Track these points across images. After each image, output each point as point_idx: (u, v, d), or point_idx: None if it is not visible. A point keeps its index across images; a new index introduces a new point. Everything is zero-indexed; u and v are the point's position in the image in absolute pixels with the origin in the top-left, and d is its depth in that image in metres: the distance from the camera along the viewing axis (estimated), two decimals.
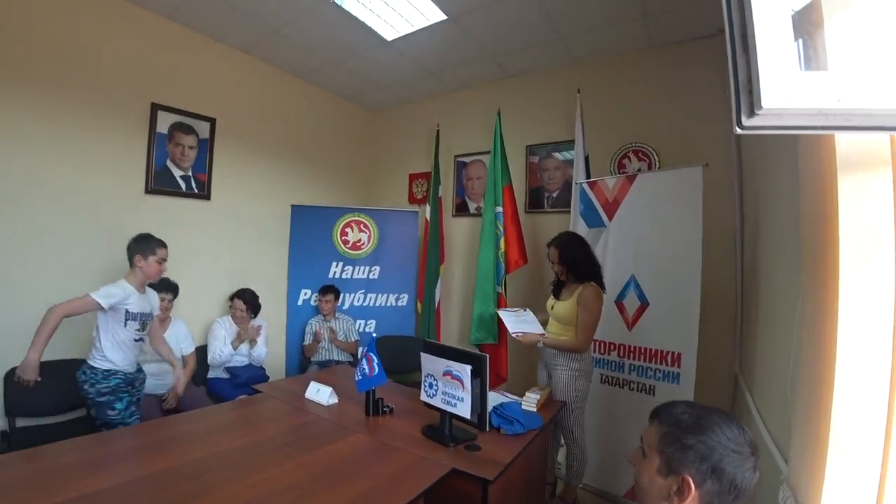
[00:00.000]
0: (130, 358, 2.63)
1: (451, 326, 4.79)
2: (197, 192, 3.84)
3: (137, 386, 2.72)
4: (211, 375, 3.59)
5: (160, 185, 3.58)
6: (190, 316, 3.62)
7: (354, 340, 4.28)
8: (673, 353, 2.94)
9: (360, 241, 4.69)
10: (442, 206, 4.69)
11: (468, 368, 2.01)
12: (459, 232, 4.87)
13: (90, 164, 3.21)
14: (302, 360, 4.30)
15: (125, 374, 2.60)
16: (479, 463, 1.91)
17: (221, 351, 3.52)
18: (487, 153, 4.30)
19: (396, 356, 4.08)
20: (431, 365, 2.19)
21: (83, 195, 3.18)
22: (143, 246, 2.62)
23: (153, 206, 3.55)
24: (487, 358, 2.05)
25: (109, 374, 2.54)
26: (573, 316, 2.68)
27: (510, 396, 2.65)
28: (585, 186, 3.44)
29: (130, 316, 2.57)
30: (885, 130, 0.80)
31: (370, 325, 4.67)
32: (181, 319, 3.44)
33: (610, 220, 3.28)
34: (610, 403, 3.21)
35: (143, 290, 2.66)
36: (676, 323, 2.92)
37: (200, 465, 1.77)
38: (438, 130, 4.74)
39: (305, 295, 4.54)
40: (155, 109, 3.53)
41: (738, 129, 0.79)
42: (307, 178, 4.87)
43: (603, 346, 3.26)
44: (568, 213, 3.72)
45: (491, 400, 2.15)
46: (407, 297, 4.76)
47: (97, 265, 3.22)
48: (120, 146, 3.36)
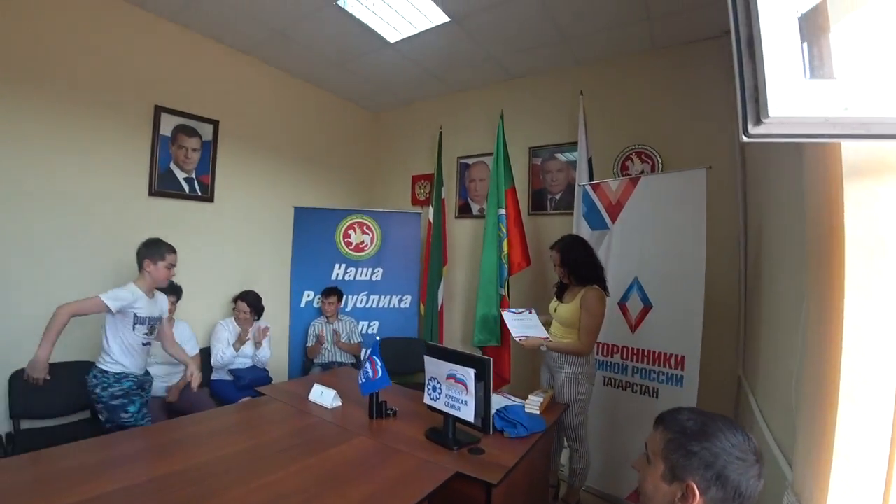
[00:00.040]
0: (139, 362, 2.64)
1: (453, 328, 4.79)
2: (200, 194, 3.85)
3: (147, 388, 2.73)
4: (214, 377, 3.59)
5: (163, 187, 3.59)
6: (193, 318, 3.63)
7: (357, 342, 4.27)
8: (676, 355, 2.93)
9: (362, 242, 4.69)
10: (445, 207, 4.69)
11: (472, 372, 2.01)
12: (462, 234, 4.87)
13: (94, 166, 3.21)
14: (305, 361, 4.31)
15: (136, 376, 2.61)
16: (482, 466, 1.90)
17: (224, 353, 3.52)
18: (490, 155, 4.30)
19: (399, 358, 4.10)
20: (435, 368, 2.19)
21: (87, 198, 3.18)
22: (152, 251, 2.62)
23: (157, 208, 3.56)
24: (491, 362, 2.05)
25: (121, 377, 2.54)
26: (576, 319, 2.68)
27: (513, 399, 2.64)
28: (588, 188, 3.43)
29: (139, 320, 2.58)
30: (893, 139, 0.79)
31: (373, 326, 4.67)
32: (185, 322, 3.45)
33: (613, 222, 3.27)
34: (613, 406, 3.21)
35: (151, 294, 2.66)
36: (680, 325, 2.91)
37: (204, 468, 1.77)
38: (441, 132, 4.73)
39: (308, 297, 4.54)
40: (158, 112, 3.54)
41: (744, 137, 0.78)
42: (310, 179, 4.87)
43: (606, 348, 3.25)
44: (571, 215, 3.72)
45: (494, 403, 2.15)
46: (410, 298, 4.76)
47: (101, 268, 3.23)
48: (123, 149, 3.37)
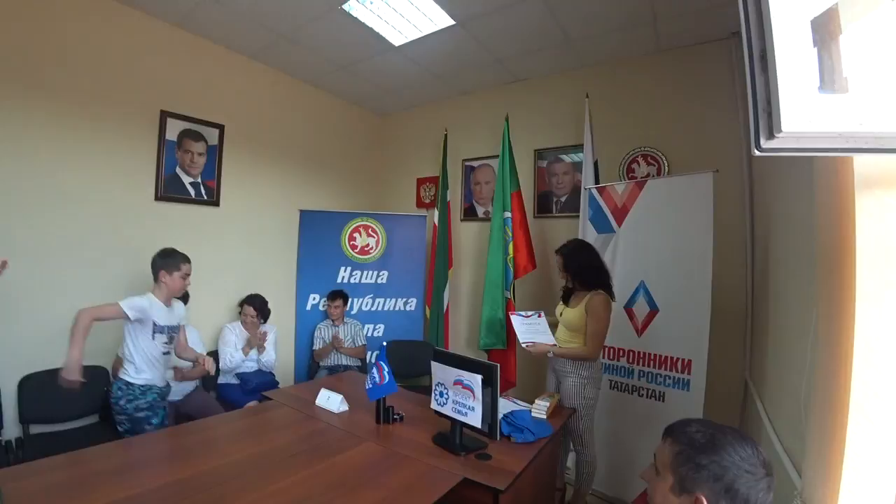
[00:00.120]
0: (161, 372, 2.65)
1: (459, 331, 4.78)
2: (206, 198, 3.86)
3: (166, 398, 2.72)
4: (221, 381, 3.60)
5: (170, 192, 3.61)
6: (200, 322, 3.63)
7: (362, 345, 4.28)
8: (683, 359, 2.92)
9: (368, 245, 4.70)
10: (450, 210, 4.68)
11: (479, 378, 2.01)
12: (467, 236, 4.87)
13: (100, 171, 3.23)
14: (311, 364, 4.32)
15: (159, 388, 2.62)
16: (490, 472, 1.90)
17: (233, 356, 3.54)
18: (495, 157, 4.29)
19: (405, 361, 4.09)
20: (442, 374, 2.19)
21: (94, 203, 3.20)
22: (167, 261, 2.62)
23: (163, 212, 3.57)
24: (498, 368, 2.04)
25: (146, 389, 2.55)
26: (581, 323, 2.67)
27: (520, 404, 2.64)
28: (594, 192, 3.42)
29: (158, 329, 2.58)
30: None
31: (378, 329, 4.67)
32: (193, 328, 3.46)
33: (619, 225, 3.27)
34: (619, 410, 3.20)
35: (169, 303, 2.67)
36: (686, 329, 2.90)
37: (214, 475, 1.77)
38: (446, 135, 4.73)
39: (314, 300, 4.55)
40: (164, 117, 3.55)
41: (756, 151, 0.78)
42: (315, 182, 4.88)
43: (612, 351, 3.25)
44: (577, 217, 3.71)
45: (500, 407, 2.15)
46: (415, 301, 4.76)
47: (109, 272, 3.25)
48: (130, 154, 3.39)
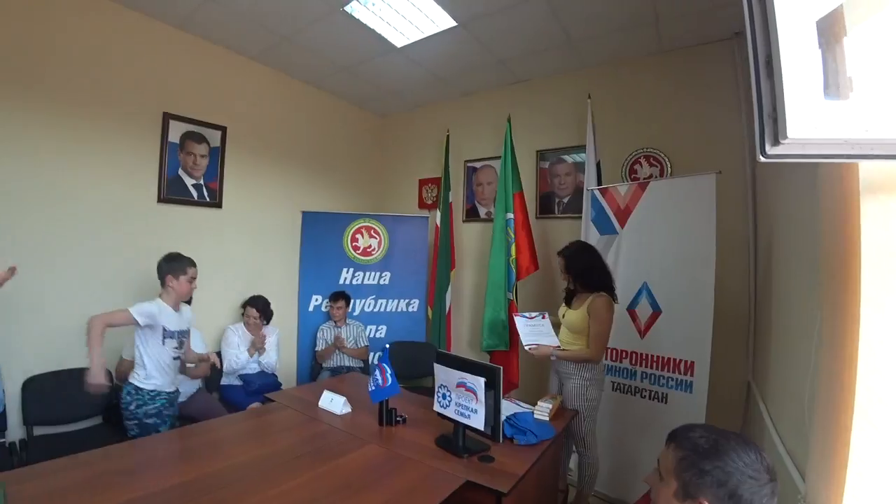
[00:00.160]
0: (171, 378, 2.65)
1: (461, 332, 4.78)
2: (209, 200, 3.86)
3: (175, 404, 2.73)
4: (224, 382, 3.61)
5: (172, 194, 3.61)
6: (203, 324, 3.62)
7: (364, 346, 4.28)
8: (686, 361, 2.92)
9: (370, 246, 4.70)
10: (452, 211, 4.68)
11: (482, 381, 2.01)
12: (470, 237, 4.87)
13: (103, 174, 3.23)
14: (313, 365, 4.32)
15: (167, 393, 2.63)
16: (492, 475, 1.91)
17: (237, 358, 3.54)
18: (497, 158, 4.29)
19: (407, 362, 4.10)
20: (445, 376, 2.19)
21: (96, 205, 3.20)
22: (173, 266, 2.63)
23: (166, 214, 3.58)
24: (501, 370, 2.04)
25: (155, 395, 2.56)
26: (584, 325, 2.67)
27: (522, 406, 2.64)
28: (597, 193, 3.42)
29: (168, 334, 2.60)
30: None
31: (381, 330, 4.67)
32: (194, 328, 3.45)
33: (622, 227, 3.27)
34: (622, 411, 3.20)
35: (177, 307, 2.68)
36: (689, 331, 2.90)
37: (218, 477, 1.78)
38: (448, 135, 4.73)
39: (316, 301, 4.55)
40: (167, 119, 3.56)
41: (761, 157, 0.78)
42: (317, 184, 4.89)
43: (615, 353, 3.25)
44: (579, 218, 3.70)
45: (503, 409, 2.15)
46: (417, 302, 4.76)
47: (112, 274, 3.26)
48: (132, 156, 3.39)
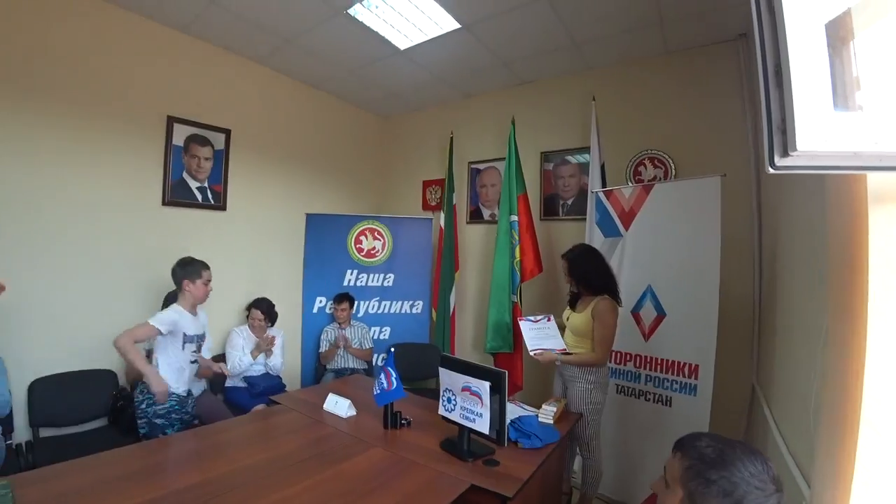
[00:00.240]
0: (185, 379, 2.68)
1: (465, 334, 4.78)
2: (213, 203, 3.88)
3: (188, 409, 2.74)
4: (229, 384, 3.61)
5: (177, 196, 3.62)
6: (207, 326, 3.63)
7: (369, 348, 4.29)
8: (690, 364, 2.91)
9: (374, 248, 4.70)
10: (456, 213, 4.68)
11: (487, 385, 2.01)
12: (474, 239, 4.87)
13: (107, 177, 3.24)
14: (317, 367, 4.32)
15: (178, 395, 2.64)
16: (497, 478, 1.91)
17: (241, 360, 3.54)
18: (501, 160, 4.29)
19: (412, 364, 4.10)
20: (450, 380, 2.19)
21: (101, 209, 3.21)
22: (188, 270, 2.67)
23: (170, 217, 3.59)
24: (506, 375, 2.05)
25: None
26: (588, 328, 2.66)
27: (527, 409, 2.64)
28: (601, 195, 3.41)
29: (188, 339, 2.64)
30: None
31: (385, 332, 4.67)
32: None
33: (626, 229, 3.26)
34: (626, 414, 3.19)
35: (194, 312, 2.72)
36: (694, 334, 2.89)
37: (223, 481, 1.78)
38: (452, 137, 4.72)
39: (321, 303, 4.56)
40: (171, 122, 3.57)
41: (770, 169, 0.77)
42: (321, 186, 4.89)
43: (619, 356, 3.24)
44: (583, 220, 3.70)
45: (508, 412, 2.15)
46: (421, 304, 4.76)
47: (116, 277, 3.27)
48: (137, 159, 3.40)
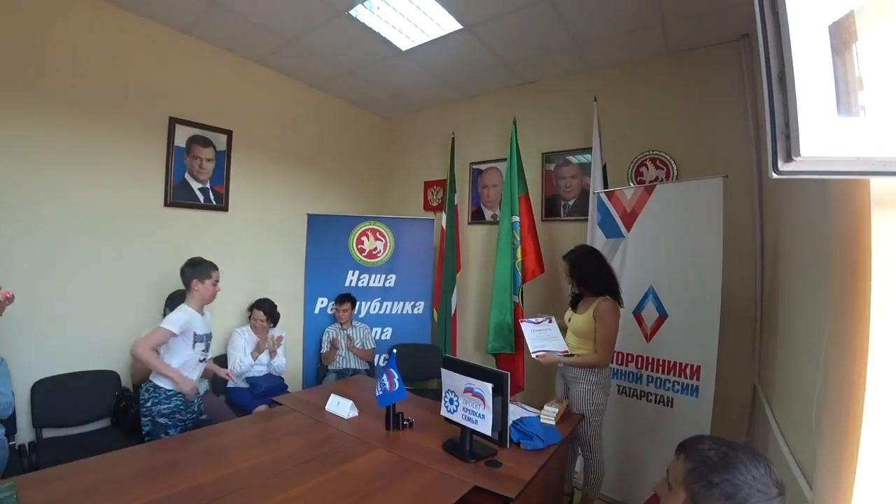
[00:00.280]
0: (194, 378, 2.69)
1: (467, 334, 4.78)
2: (215, 203, 3.88)
3: (194, 408, 2.75)
4: (230, 385, 3.60)
5: (179, 197, 3.63)
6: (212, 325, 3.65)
7: (371, 348, 4.29)
8: (692, 365, 2.91)
9: (376, 249, 4.71)
10: (458, 213, 4.68)
11: (489, 386, 2.01)
12: (475, 240, 4.87)
13: (109, 178, 3.25)
14: (319, 367, 4.33)
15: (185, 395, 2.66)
16: (500, 480, 1.91)
17: (242, 361, 3.55)
18: (503, 161, 4.29)
19: (413, 364, 4.10)
20: (452, 381, 2.20)
21: (103, 210, 3.22)
22: (198, 270, 2.70)
23: (172, 218, 3.60)
24: (508, 376, 2.05)
25: (171, 394, 2.59)
26: (590, 329, 2.66)
27: (529, 409, 2.64)
28: (603, 196, 3.41)
29: (198, 338, 2.67)
30: None
31: (386, 332, 4.68)
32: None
33: (628, 230, 3.26)
34: (628, 415, 3.20)
35: (202, 311, 2.74)
36: (696, 335, 2.89)
37: (226, 483, 1.78)
38: (454, 138, 4.73)
39: (322, 303, 4.56)
40: (173, 123, 3.57)
41: (773, 174, 0.78)
42: (323, 186, 4.90)
43: (621, 357, 3.24)
44: (585, 221, 3.70)
45: (510, 414, 2.15)
46: (423, 304, 4.77)
47: (119, 278, 3.28)
48: (139, 160, 3.41)
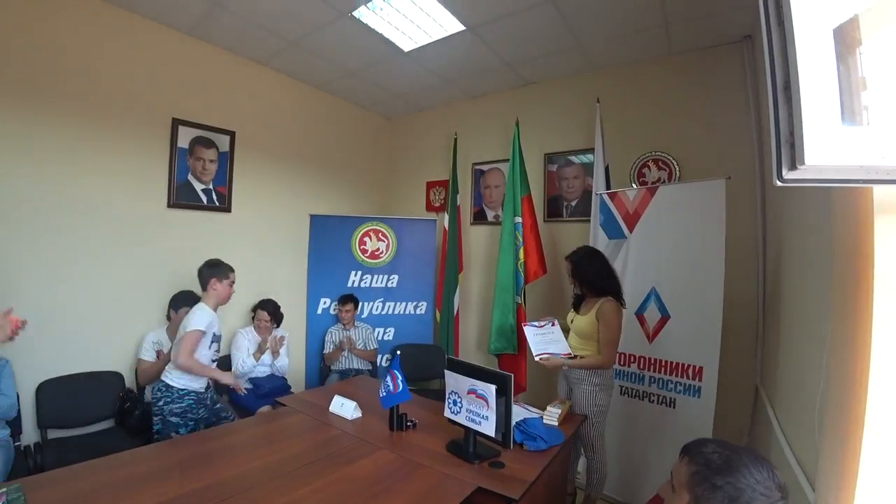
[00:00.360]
0: (204, 378, 2.74)
1: (469, 335, 4.79)
2: (218, 204, 3.89)
3: (208, 404, 2.80)
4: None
5: (182, 199, 3.64)
6: None
7: (373, 349, 4.30)
8: (694, 366, 2.92)
9: (378, 249, 4.72)
10: (460, 214, 4.68)
11: (493, 388, 2.02)
12: (478, 240, 4.87)
13: (113, 180, 3.26)
14: (322, 368, 4.34)
15: (197, 393, 2.70)
16: (503, 481, 1.92)
17: (245, 362, 3.55)
18: (505, 161, 4.30)
19: (416, 365, 4.11)
20: (455, 383, 2.21)
21: (107, 211, 3.23)
22: (217, 271, 2.79)
23: (176, 219, 3.61)
24: (512, 378, 2.06)
25: (184, 393, 2.64)
26: (593, 330, 2.67)
27: (532, 410, 2.65)
28: (606, 197, 3.41)
29: (214, 338, 2.73)
30: None
31: (389, 333, 4.69)
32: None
33: (631, 231, 3.26)
34: (630, 415, 3.20)
35: (216, 311, 2.79)
36: (698, 337, 2.90)
37: (232, 484, 1.80)
38: (456, 138, 4.73)
39: (325, 304, 4.57)
40: (176, 124, 3.58)
41: (778, 182, 0.78)
42: (325, 187, 4.90)
43: (623, 357, 3.24)
44: (587, 222, 3.70)
45: (513, 414, 2.16)
46: (425, 305, 4.77)
47: (122, 279, 3.29)
48: (142, 162, 3.42)
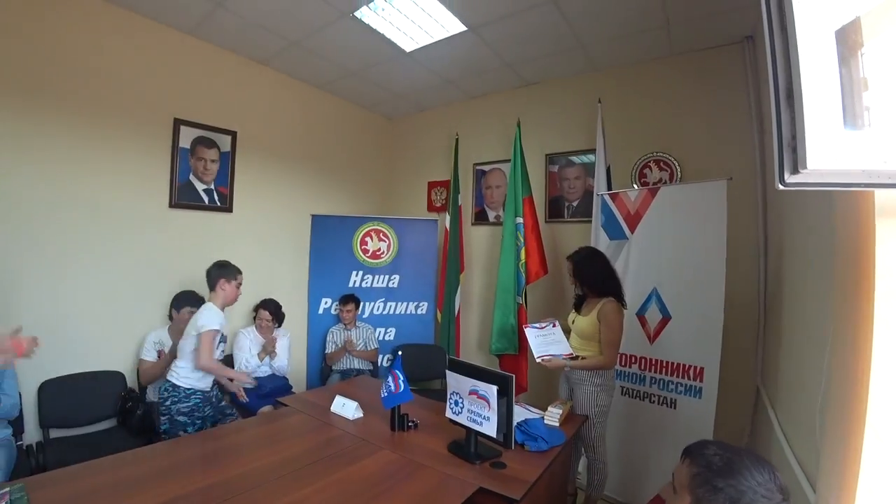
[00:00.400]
0: (209, 377, 2.76)
1: (470, 335, 4.79)
2: (219, 204, 3.90)
3: (214, 402, 2.82)
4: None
5: (184, 199, 3.65)
6: None
7: (374, 349, 4.31)
8: (695, 367, 2.92)
9: (379, 249, 4.72)
10: (461, 214, 4.68)
11: (494, 389, 2.03)
12: (479, 240, 4.87)
13: (115, 180, 3.26)
14: (323, 367, 4.34)
15: (203, 392, 2.72)
16: (505, 481, 1.92)
17: (248, 362, 3.56)
18: (507, 161, 4.30)
19: (417, 365, 4.11)
20: (457, 383, 2.21)
21: (108, 211, 3.23)
22: (225, 272, 2.83)
23: (177, 220, 3.61)
24: (513, 378, 2.06)
25: (190, 393, 2.66)
26: (594, 331, 2.67)
27: (533, 410, 2.65)
28: (607, 198, 3.42)
29: (223, 338, 2.75)
30: None
31: (390, 333, 4.69)
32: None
33: (632, 232, 3.26)
34: (631, 416, 3.21)
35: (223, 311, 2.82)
36: (699, 337, 2.90)
37: (234, 484, 1.80)
38: (457, 138, 4.73)
39: (326, 304, 4.58)
40: (177, 125, 3.59)
41: (780, 185, 0.79)
42: (327, 187, 4.91)
43: (624, 358, 3.24)
44: (588, 222, 3.70)
45: (514, 415, 2.16)
46: (426, 305, 4.77)
47: (124, 279, 3.30)
48: (144, 162, 3.42)
